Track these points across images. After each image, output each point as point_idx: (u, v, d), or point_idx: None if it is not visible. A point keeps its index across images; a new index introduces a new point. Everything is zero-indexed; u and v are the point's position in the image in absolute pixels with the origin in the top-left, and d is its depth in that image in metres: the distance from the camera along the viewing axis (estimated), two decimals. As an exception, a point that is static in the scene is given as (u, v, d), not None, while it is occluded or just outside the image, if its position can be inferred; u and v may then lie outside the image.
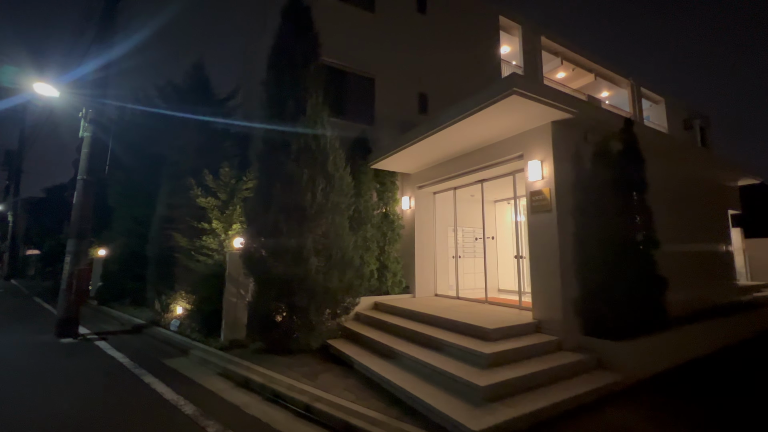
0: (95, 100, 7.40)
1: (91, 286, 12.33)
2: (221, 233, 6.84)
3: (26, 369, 5.01)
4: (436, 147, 6.46)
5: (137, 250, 9.61)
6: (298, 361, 5.19)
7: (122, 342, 6.67)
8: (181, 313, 8.11)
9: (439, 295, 7.70)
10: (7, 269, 23.19)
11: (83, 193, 7.27)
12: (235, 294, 6.26)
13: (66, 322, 6.80)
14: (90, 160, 7.42)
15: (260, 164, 5.96)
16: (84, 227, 7.22)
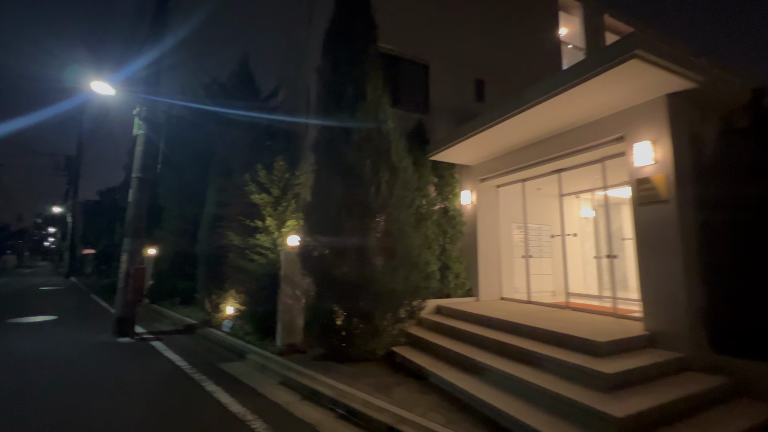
0: (148, 98, 7.34)
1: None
2: (274, 231, 6.51)
3: (89, 372, 4.85)
4: (509, 134, 5.78)
5: (187, 249, 9.59)
6: (364, 370, 4.71)
7: (177, 343, 6.49)
8: (231, 313, 7.92)
9: (505, 298, 6.98)
10: (68, 267, 24.72)
11: (138, 191, 7.21)
12: (290, 295, 5.89)
13: (123, 322, 6.74)
14: (144, 158, 7.35)
15: (317, 156, 5.54)
16: (139, 225, 7.16)
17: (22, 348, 5.88)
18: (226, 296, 8.18)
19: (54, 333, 7.07)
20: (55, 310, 9.95)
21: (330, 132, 5.41)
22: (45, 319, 8.49)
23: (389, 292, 5.00)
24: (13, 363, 5.10)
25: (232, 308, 8.12)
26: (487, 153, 6.70)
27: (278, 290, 6.08)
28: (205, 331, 7.34)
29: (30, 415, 3.53)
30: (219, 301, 8.30)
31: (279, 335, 5.81)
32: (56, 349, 5.84)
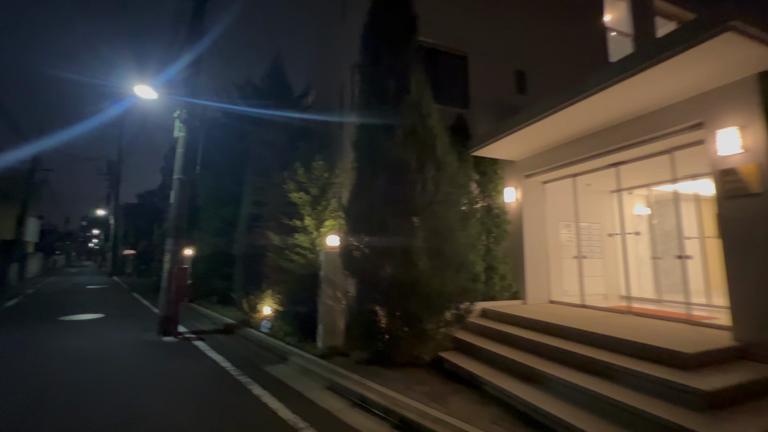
0: (188, 100, 7.43)
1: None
2: (313, 231, 6.40)
3: (139, 372, 4.89)
4: (561, 126, 5.39)
5: (224, 249, 9.71)
6: (412, 376, 4.47)
7: (218, 343, 6.50)
8: (269, 313, 7.91)
9: (555, 302, 6.55)
10: (110, 267, 26.01)
11: (180, 192, 7.31)
12: (331, 296, 5.75)
13: (167, 321, 6.83)
14: (184, 160, 7.45)
15: (358, 153, 5.36)
16: (181, 225, 7.26)
17: (75, 345, 6.05)
18: (264, 296, 8.18)
19: (102, 331, 7.28)
20: (101, 308, 10.34)
21: (371, 128, 5.22)
22: (93, 317, 8.81)
23: (437, 294, 4.74)
24: (69, 360, 5.23)
25: (269, 308, 8.13)
26: (535, 147, 6.31)
27: (318, 291, 5.96)
28: (244, 331, 7.34)
29: (88, 415, 3.53)
30: (256, 301, 8.32)
31: (320, 337, 5.68)
32: (106, 348, 5.97)
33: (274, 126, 8.07)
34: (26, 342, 6.25)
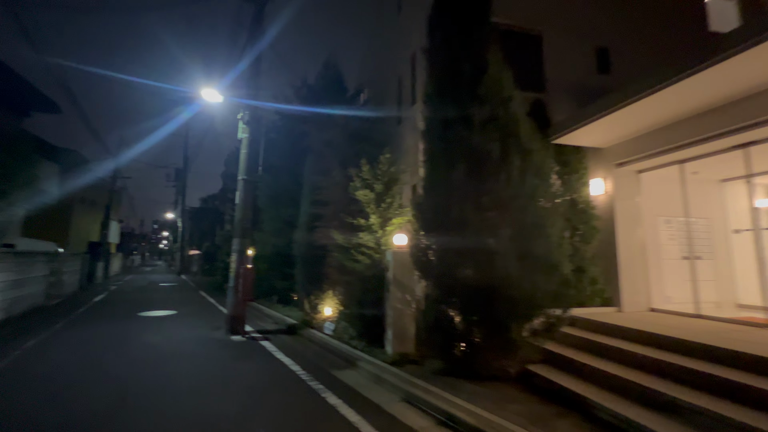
0: (251, 102, 7.50)
1: None
2: (377, 229, 6.09)
3: (212, 372, 4.89)
4: (670, 104, 4.56)
5: (284, 249, 9.78)
6: (500, 392, 3.95)
7: (284, 344, 6.42)
8: (330, 314, 7.77)
9: (657, 310, 5.64)
10: (179, 266, 28.08)
11: (244, 193, 7.39)
12: (400, 300, 5.38)
13: (235, 320, 6.91)
14: (248, 161, 7.53)
15: (429, 145, 4.95)
16: (246, 226, 7.33)
17: (153, 342, 6.29)
18: (325, 297, 8.07)
19: (176, 328, 7.57)
20: (173, 305, 10.94)
21: (444, 116, 4.77)
22: (167, 314, 9.28)
23: (526, 299, 4.18)
24: (149, 358, 5.38)
25: (330, 309, 7.99)
26: (630, 131, 5.47)
27: (384, 293, 5.64)
28: (307, 332, 7.24)
29: (168, 420, 3.47)
30: (317, 301, 8.23)
31: (389, 342, 5.34)
32: (181, 345, 6.12)
33: (331, 125, 7.92)
34: (112, 337, 6.61)
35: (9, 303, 7.88)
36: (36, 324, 7.69)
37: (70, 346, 5.94)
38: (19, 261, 8.23)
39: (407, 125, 7.88)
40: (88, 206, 22.82)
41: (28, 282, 8.95)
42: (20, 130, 7.68)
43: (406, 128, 7.95)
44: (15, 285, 8.08)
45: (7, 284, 7.64)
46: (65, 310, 9.68)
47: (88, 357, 5.35)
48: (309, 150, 8.60)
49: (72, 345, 6.04)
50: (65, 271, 12.47)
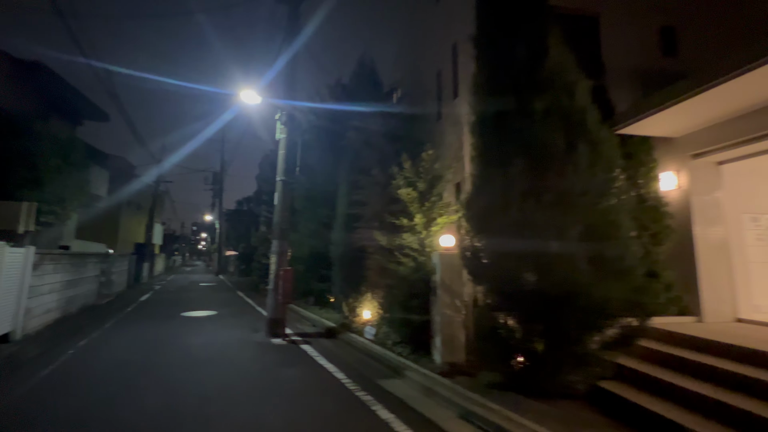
0: (288, 103, 7.41)
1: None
2: (421, 230, 5.77)
3: (256, 378, 4.80)
4: (761, 84, 3.92)
5: (321, 251, 9.67)
6: (568, 411, 3.53)
7: (325, 348, 6.24)
8: (369, 318, 7.54)
9: (745, 320, 4.94)
10: (216, 266, 29.07)
11: (282, 194, 7.31)
12: (449, 305, 5.03)
13: (275, 323, 6.83)
14: (286, 162, 7.45)
15: (480, 138, 4.57)
16: (285, 227, 7.24)
17: (197, 343, 6.31)
18: (363, 300, 7.85)
19: (218, 329, 7.61)
20: (213, 305, 11.15)
21: (497, 107, 4.39)
22: (208, 314, 9.42)
23: (597, 307, 3.72)
24: (194, 361, 5.37)
25: (369, 312, 7.76)
26: (709, 117, 4.83)
27: (431, 297, 5.31)
28: (347, 336, 7.03)
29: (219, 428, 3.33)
30: (356, 304, 8.03)
31: (437, 351, 5.01)
32: (224, 348, 6.09)
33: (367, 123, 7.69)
34: (158, 339, 6.71)
35: (65, 302, 8.25)
36: (88, 322, 7.99)
37: (119, 347, 6.06)
38: (74, 262, 8.62)
39: (448, 120, 7.50)
40: (134, 209, 24.06)
41: (81, 282, 9.38)
42: (73, 137, 8.03)
43: (446, 124, 7.58)
44: (70, 285, 8.47)
45: (62, 284, 8.00)
46: (114, 309, 10.08)
47: (137, 359, 5.40)
48: (345, 150, 8.43)
49: (121, 346, 6.17)
50: (114, 271, 13.08)
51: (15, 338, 6.13)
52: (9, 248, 5.71)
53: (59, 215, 7.19)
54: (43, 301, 7.10)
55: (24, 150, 6.59)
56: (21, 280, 6.24)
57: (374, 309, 7.72)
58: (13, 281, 6.02)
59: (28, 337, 6.42)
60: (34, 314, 6.77)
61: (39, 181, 6.72)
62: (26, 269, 6.31)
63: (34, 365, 5.00)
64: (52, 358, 5.25)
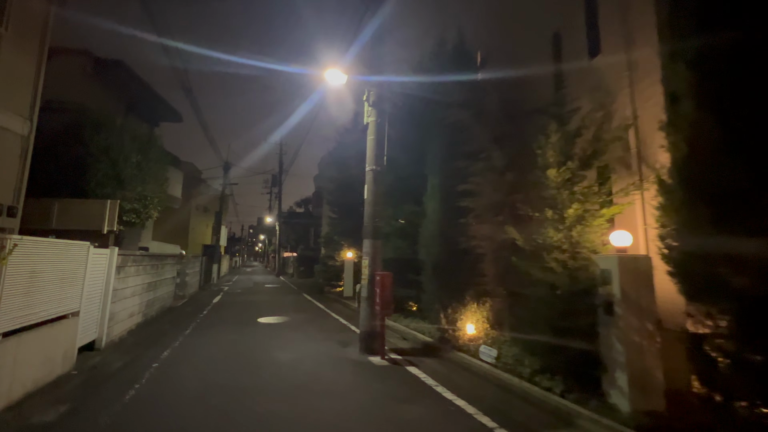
0: (376, 79, 6.37)
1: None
2: (573, 223, 4.35)
3: (372, 420, 3.67)
4: None
5: (405, 252, 8.54)
6: None
7: (437, 373, 5.04)
8: (473, 333, 6.27)
9: None
10: (276, 268, 29.40)
11: (374, 185, 6.27)
12: (637, 329, 3.59)
13: (371, 338, 5.78)
14: (377, 149, 6.40)
15: (691, 99, 3.10)
16: (378, 224, 6.19)
17: (284, 360, 5.45)
18: (467, 311, 6.59)
19: (301, 341, 6.76)
20: (286, 310, 10.51)
21: (715, 52, 2.90)
22: (284, 320, 8.70)
23: None
24: (287, 385, 4.45)
25: (473, 327, 6.48)
26: None
27: (600, 316, 3.89)
28: (454, 355, 5.79)
29: None
30: (456, 316, 6.78)
31: (619, 393, 3.58)
32: (317, 368, 5.15)
33: (473, 96, 6.41)
34: (240, 353, 5.97)
35: (146, 305, 7.92)
36: (168, 328, 7.56)
37: (204, 362, 5.36)
38: (154, 264, 8.31)
39: (582, 84, 5.98)
40: (201, 212, 24.94)
41: (161, 284, 9.12)
42: (152, 134, 7.69)
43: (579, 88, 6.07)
44: (150, 287, 8.15)
45: (144, 287, 7.65)
46: (190, 313, 9.76)
47: (226, 381, 4.62)
48: (440, 133, 7.20)
49: (205, 360, 5.47)
50: (188, 272, 13.04)
51: (100, 346, 5.68)
52: (93, 249, 5.21)
53: (141, 214, 6.81)
54: (126, 305, 6.69)
55: (106, 145, 6.23)
56: (105, 284, 5.79)
57: (480, 322, 6.44)
58: (97, 285, 5.56)
59: (111, 345, 5.97)
60: (118, 319, 6.35)
61: (121, 178, 6.34)
62: (110, 272, 5.86)
63: (117, 383, 4.37)
64: (137, 375, 4.61)
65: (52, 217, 5.96)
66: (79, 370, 4.74)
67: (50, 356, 4.25)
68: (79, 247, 4.89)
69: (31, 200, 5.85)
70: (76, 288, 4.84)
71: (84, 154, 6.18)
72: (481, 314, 6.53)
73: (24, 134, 5.38)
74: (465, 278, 6.69)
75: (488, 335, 6.11)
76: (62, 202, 6.01)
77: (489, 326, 6.43)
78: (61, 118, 6.71)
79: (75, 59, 8.13)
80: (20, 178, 5.30)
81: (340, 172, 16.05)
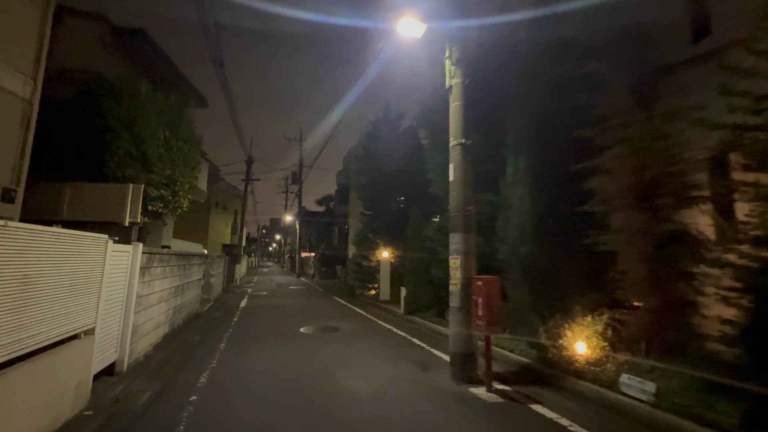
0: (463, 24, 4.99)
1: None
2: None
3: None
4: None
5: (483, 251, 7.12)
6: None
7: (574, 414, 3.64)
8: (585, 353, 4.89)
9: None
10: (297, 268, 28.24)
11: (463, 163, 4.90)
12: None
13: (467, 362, 4.43)
14: (463, 118, 5.03)
15: None
16: (469, 213, 4.81)
17: (360, 391, 4.11)
18: (574, 324, 5.19)
19: (365, 360, 5.42)
20: (325, 316, 9.23)
21: None
22: (331, 330, 7.38)
23: None
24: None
25: (584, 345, 5.09)
26: None
27: None
28: (578, 385, 4.38)
29: None
30: (559, 331, 5.37)
31: None
32: (407, 405, 3.79)
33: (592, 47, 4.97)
34: (298, 376, 4.69)
35: (173, 312, 6.71)
36: (199, 340, 6.34)
37: (253, 391, 4.10)
38: (181, 264, 7.11)
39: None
40: (220, 210, 23.94)
41: (188, 287, 7.92)
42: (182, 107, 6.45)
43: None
44: (177, 292, 6.95)
45: (170, 291, 6.44)
46: (220, 320, 8.55)
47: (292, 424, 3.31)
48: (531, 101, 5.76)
49: (255, 388, 4.20)
50: (212, 273, 11.88)
51: (121, 369, 4.44)
52: (113, 245, 3.97)
53: (169, 203, 5.58)
54: (151, 314, 5.48)
55: (128, 117, 5.02)
56: (128, 289, 4.56)
57: (596, 340, 5.03)
58: (118, 290, 4.33)
59: (135, 366, 4.74)
60: (143, 332, 5.13)
61: (146, 158, 5.12)
62: (133, 274, 4.64)
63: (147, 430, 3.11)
64: (172, 416, 3.36)
65: (63, 204, 4.77)
66: (96, 408, 3.49)
67: (56, 394, 3.01)
68: (95, 242, 3.65)
69: (36, 184, 4.66)
70: (91, 296, 3.60)
71: (102, 129, 4.99)
72: (596, 329, 5.13)
73: (25, 96, 4.17)
74: (573, 283, 5.30)
75: (612, 358, 4.72)
76: (75, 186, 4.83)
77: (608, 345, 5.03)
78: (75, 88, 5.53)
79: (90, 25, 6.97)
80: (20, 152, 4.09)
81: (372, 165, 14.73)
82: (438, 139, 8.42)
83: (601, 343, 5.05)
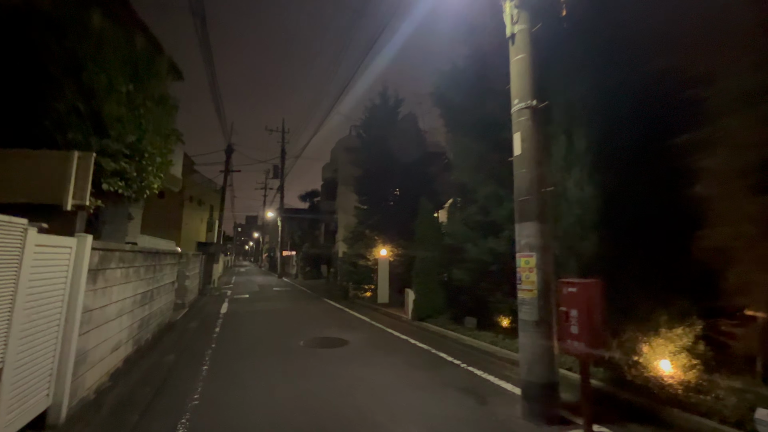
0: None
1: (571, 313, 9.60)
2: None
3: None
4: None
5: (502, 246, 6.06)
6: None
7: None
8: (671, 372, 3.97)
9: None
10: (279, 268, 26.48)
11: (532, 133, 3.76)
12: None
13: (547, 394, 3.28)
14: (531, 74, 3.89)
15: None
16: (545, 199, 3.67)
17: None
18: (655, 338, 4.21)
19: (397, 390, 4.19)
20: (324, 325, 7.91)
21: None
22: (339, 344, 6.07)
23: None
24: None
25: (669, 363, 4.14)
26: None
27: None
28: (686, 419, 3.34)
29: None
30: (631, 344, 4.37)
31: None
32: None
33: None
34: (319, 421, 3.38)
35: (138, 326, 5.23)
36: (173, 362, 4.92)
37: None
38: (150, 264, 5.62)
39: None
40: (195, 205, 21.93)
41: (159, 293, 6.41)
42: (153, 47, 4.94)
43: None
44: (145, 299, 5.47)
45: (135, 300, 4.97)
46: (197, 331, 7.09)
47: None
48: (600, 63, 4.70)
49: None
50: (188, 275, 10.27)
51: (57, 420, 3.01)
52: (38, 236, 2.57)
53: (134, 181, 4.07)
54: (108, 332, 4.03)
55: (74, 59, 3.55)
56: (68, 301, 3.13)
57: (684, 357, 4.07)
58: (50, 304, 2.90)
59: (81, 410, 3.32)
60: (94, 359, 3.69)
61: (100, 117, 3.65)
62: (77, 278, 3.21)
63: None
64: None
65: (-28, 179, 3.28)
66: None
67: None
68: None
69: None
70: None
71: (35, 74, 3.51)
72: (684, 343, 4.15)
73: None
74: (652, 286, 4.29)
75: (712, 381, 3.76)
76: (-7, 153, 3.33)
77: (700, 363, 4.06)
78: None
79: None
80: None
81: (369, 155, 13.47)
82: (459, 119, 7.31)
83: (692, 361, 4.09)
